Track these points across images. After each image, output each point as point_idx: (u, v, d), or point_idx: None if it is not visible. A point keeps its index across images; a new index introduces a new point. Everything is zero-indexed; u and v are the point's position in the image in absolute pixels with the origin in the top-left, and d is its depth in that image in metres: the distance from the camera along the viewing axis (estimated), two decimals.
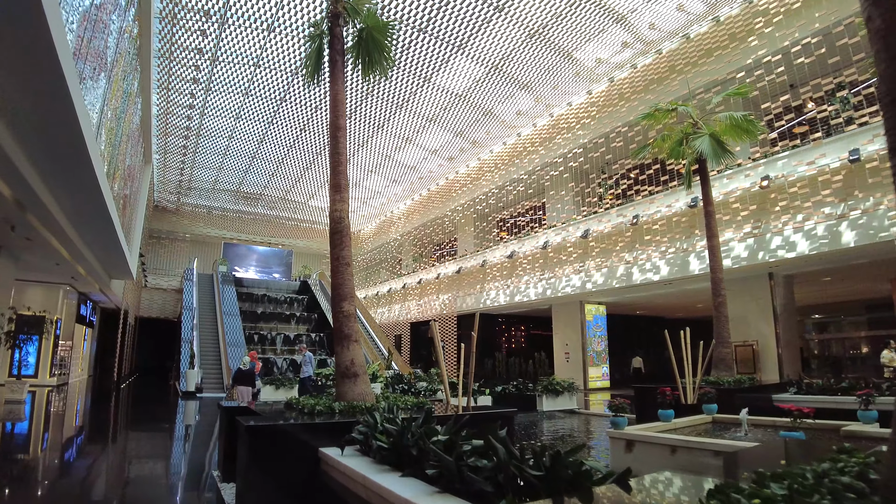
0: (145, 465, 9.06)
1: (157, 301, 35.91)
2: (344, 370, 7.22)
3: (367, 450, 4.93)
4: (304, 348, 16.76)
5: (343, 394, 7.15)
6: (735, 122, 13.37)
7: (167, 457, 9.67)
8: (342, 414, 6.50)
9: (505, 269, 24.24)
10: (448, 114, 23.28)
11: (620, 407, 8.12)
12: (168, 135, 25.24)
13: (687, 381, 11.98)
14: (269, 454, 5.38)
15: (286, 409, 7.11)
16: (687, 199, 17.71)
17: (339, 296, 7.51)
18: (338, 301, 7.49)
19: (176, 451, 10.25)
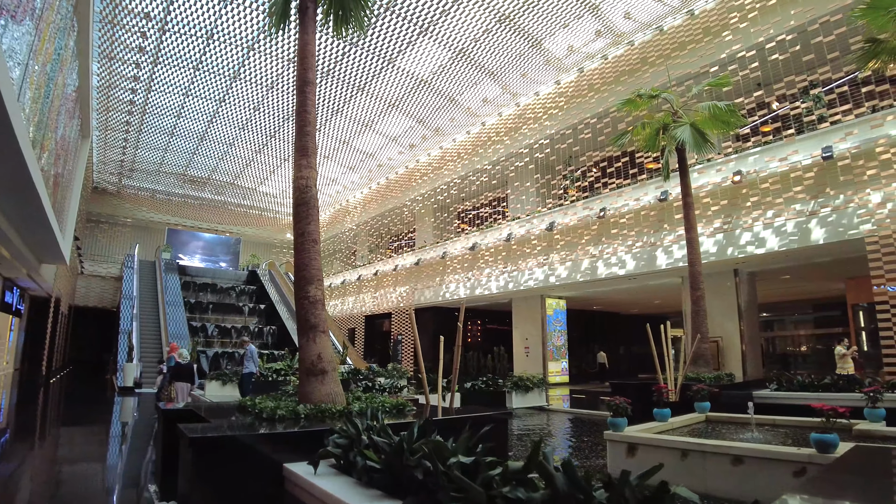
0: (69, 474, 7.57)
1: (94, 289, 33.20)
2: (309, 366, 6.01)
3: (347, 467, 3.82)
4: (246, 341, 15.13)
5: (308, 394, 5.93)
6: (717, 111, 12.74)
7: (96, 465, 8.17)
8: (309, 420, 5.31)
9: (466, 262, 23.23)
10: (410, 99, 22.09)
11: (621, 407, 7.21)
12: (110, 109, 23.08)
13: (668, 378, 11.25)
14: (219, 471, 4.18)
15: (238, 412, 5.83)
16: (656, 193, 17.13)
17: (303, 279, 6.28)
18: (302, 285, 6.26)
19: (107, 457, 8.74)
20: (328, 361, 6.06)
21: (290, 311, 26.80)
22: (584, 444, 9.47)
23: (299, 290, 6.25)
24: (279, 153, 28.03)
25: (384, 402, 6.14)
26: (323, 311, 6.25)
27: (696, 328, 12.48)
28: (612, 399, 7.34)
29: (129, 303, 23.94)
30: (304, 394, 5.94)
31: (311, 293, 6.20)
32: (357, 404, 5.95)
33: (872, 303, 19.87)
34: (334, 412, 5.58)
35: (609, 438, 7.19)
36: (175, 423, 5.63)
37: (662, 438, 6.88)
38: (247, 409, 5.76)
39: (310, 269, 6.27)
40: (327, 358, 6.07)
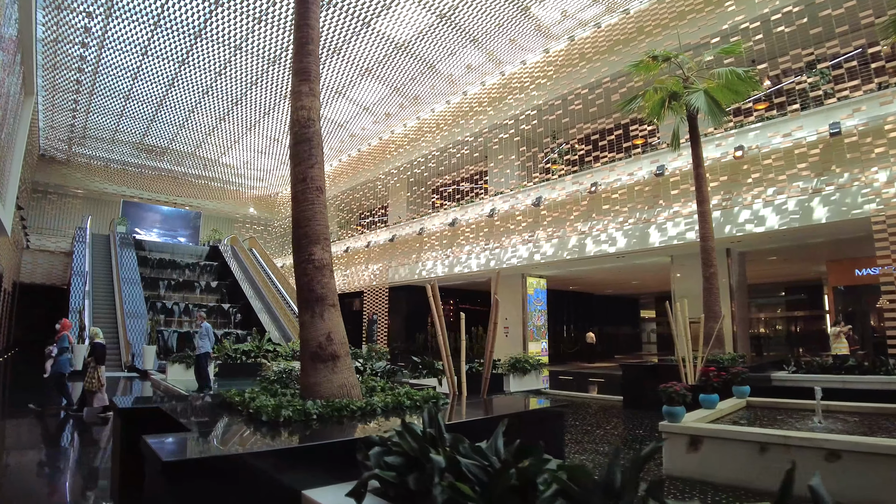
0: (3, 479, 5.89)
1: (41, 265, 30.28)
2: (316, 350, 4.52)
3: (406, 498, 2.51)
4: (201, 317, 13.38)
5: (315, 386, 4.46)
6: (733, 78, 11.58)
7: (37, 469, 6.47)
8: (324, 422, 3.84)
9: (445, 238, 21.78)
10: (387, 66, 20.35)
11: (679, 395, 6.01)
12: (58, 66, 20.51)
13: (687, 360, 10.17)
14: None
15: (224, 411, 4.30)
16: (652, 168, 16.05)
17: (305, 237, 4.76)
18: (305, 245, 4.74)
19: (52, 459, 7.03)
20: (340, 343, 4.60)
21: (255, 289, 24.90)
22: (614, 434, 8.24)
23: (301, 253, 4.73)
24: (243, 122, 25.85)
25: (411, 394, 4.71)
26: (332, 278, 4.77)
27: (708, 308, 11.46)
28: (669, 385, 6.19)
29: (80, 279, 21.62)
30: (310, 386, 4.46)
31: (315, 255, 4.69)
32: (378, 397, 4.51)
33: (852, 285, 19.63)
34: (354, 410, 4.13)
35: (666, 430, 6.03)
36: (135, 424, 4.08)
37: (736, 430, 5.72)
38: (234, 406, 4.24)
39: (313, 224, 4.75)
40: (339, 339, 4.61)
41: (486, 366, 5.86)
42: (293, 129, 5.05)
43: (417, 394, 4.75)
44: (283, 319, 22.27)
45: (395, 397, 4.57)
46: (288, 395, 4.59)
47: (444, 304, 26.57)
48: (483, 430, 3.40)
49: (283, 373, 8.36)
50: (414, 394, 4.74)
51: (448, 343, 5.98)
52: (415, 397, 4.65)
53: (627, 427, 8.74)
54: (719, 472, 5.58)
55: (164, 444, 2.94)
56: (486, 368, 5.85)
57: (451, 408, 4.77)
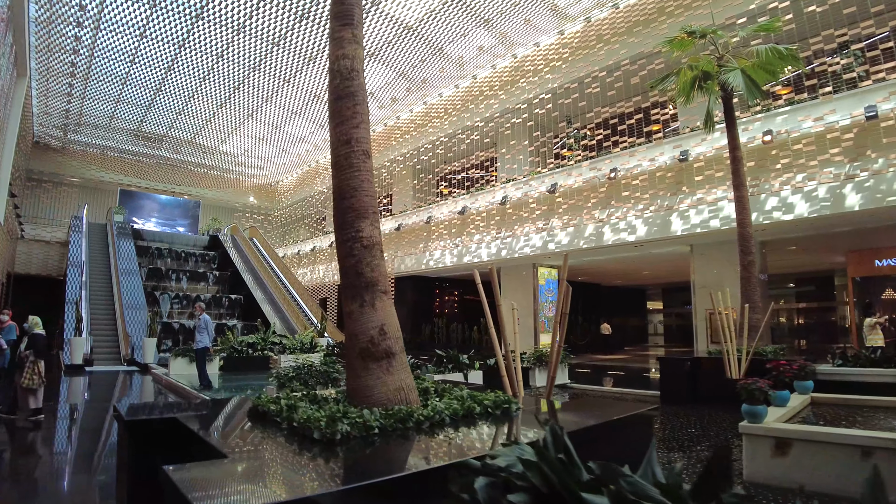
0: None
1: (37, 255, 29.10)
2: (367, 346, 3.68)
3: None
4: (200, 308, 12.42)
5: (365, 390, 3.63)
6: (774, 55, 10.77)
7: (31, 476, 5.62)
8: (385, 436, 3.03)
9: (454, 227, 20.91)
10: (393, 49, 19.39)
11: (760, 392, 5.22)
12: (52, 48, 19.43)
13: (730, 351, 9.44)
14: None
15: (255, 422, 3.45)
16: (674, 153, 15.25)
17: (351, 210, 3.91)
18: (351, 220, 3.89)
19: (50, 469, 6.18)
20: (395, 337, 3.77)
21: (257, 280, 23.99)
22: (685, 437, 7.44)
23: (345, 229, 3.88)
24: (243, 107, 24.85)
25: (477, 398, 3.89)
26: (383, 260, 3.93)
27: (747, 298, 10.69)
28: (750, 381, 5.42)
29: (76, 270, 20.63)
30: (360, 389, 3.63)
31: (364, 232, 3.85)
32: (440, 402, 3.69)
33: (871, 276, 18.95)
34: (420, 420, 3.30)
35: (747, 432, 5.24)
36: (146, 440, 3.22)
37: (834, 432, 4.95)
38: (270, 417, 3.39)
39: (360, 194, 3.90)
40: (393, 332, 3.77)
41: (553, 364, 5.03)
42: (333, 81, 4.20)
43: (486, 397, 3.93)
44: (286, 311, 21.40)
45: (461, 402, 3.74)
46: (331, 401, 3.75)
47: (449, 295, 25.74)
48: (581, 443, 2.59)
49: (301, 368, 7.56)
50: (481, 397, 3.93)
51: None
52: (484, 402, 3.83)
53: (684, 426, 7.93)
54: (812, 478, 4.83)
55: (195, 482, 2.10)
56: (553, 367, 5.02)
57: (531, 416, 3.95)
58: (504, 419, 3.77)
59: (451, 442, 3.07)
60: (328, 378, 7.64)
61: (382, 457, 2.73)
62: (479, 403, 3.80)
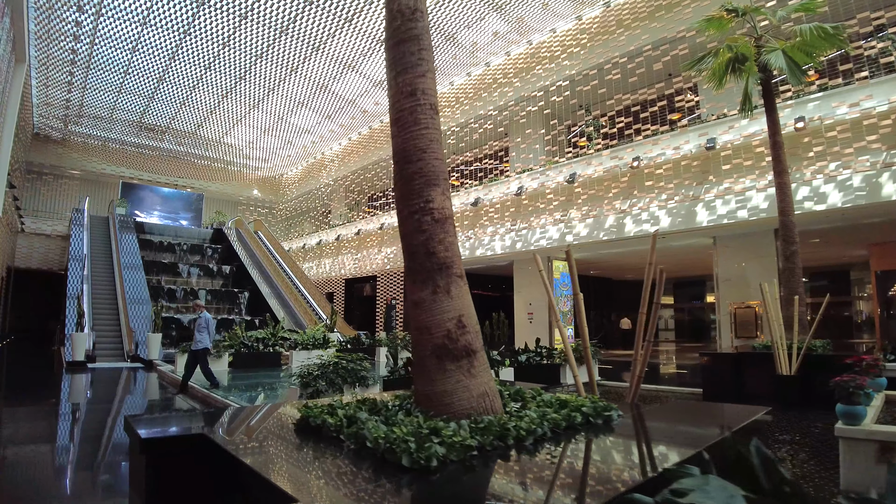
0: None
1: (38, 249, 28.34)
2: (443, 342, 2.93)
3: None
4: (199, 306, 11.09)
5: (443, 397, 2.88)
6: (817, 35, 10.01)
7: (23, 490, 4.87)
8: (484, 459, 2.27)
9: (466, 219, 20.14)
10: None
11: (860, 391, 4.49)
12: (52, 36, 18.60)
13: (780, 346, 8.71)
14: None
15: (305, 439, 2.69)
16: (700, 141, 14.52)
17: (420, 175, 3.16)
18: (419, 188, 3.14)
19: (44, 474, 5.42)
20: (475, 331, 3.02)
21: (263, 274, 23.21)
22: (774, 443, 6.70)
23: (411, 199, 3.12)
24: (248, 98, 24.04)
25: (573, 403, 3.13)
26: (456, 237, 3.15)
27: (790, 290, 9.97)
28: (847, 378, 4.69)
29: (78, 264, 19.83)
30: (435, 396, 2.89)
31: (435, 203, 3.09)
32: (530, 410, 2.94)
33: (892, 270, 18.26)
34: (521, 436, 2.54)
35: (845, 436, 4.49)
36: (168, 464, 2.46)
37: None
38: (327, 432, 2.65)
39: (429, 157, 3.15)
40: (473, 325, 3.03)
41: (640, 363, 4.28)
42: (392, 23, 3.45)
43: (581, 402, 3.18)
44: (294, 305, 20.65)
45: (556, 410, 2.99)
46: (393, 409, 3.00)
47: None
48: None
49: (326, 366, 6.80)
50: (576, 402, 3.17)
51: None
52: (581, 408, 3.08)
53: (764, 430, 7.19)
54: None
55: None
56: (640, 366, 4.27)
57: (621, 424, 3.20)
58: (608, 429, 3.04)
59: (575, 465, 2.32)
60: (356, 377, 6.89)
61: (507, 493, 1.99)
62: (576, 411, 3.06)
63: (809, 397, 8.37)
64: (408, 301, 3.16)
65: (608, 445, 2.73)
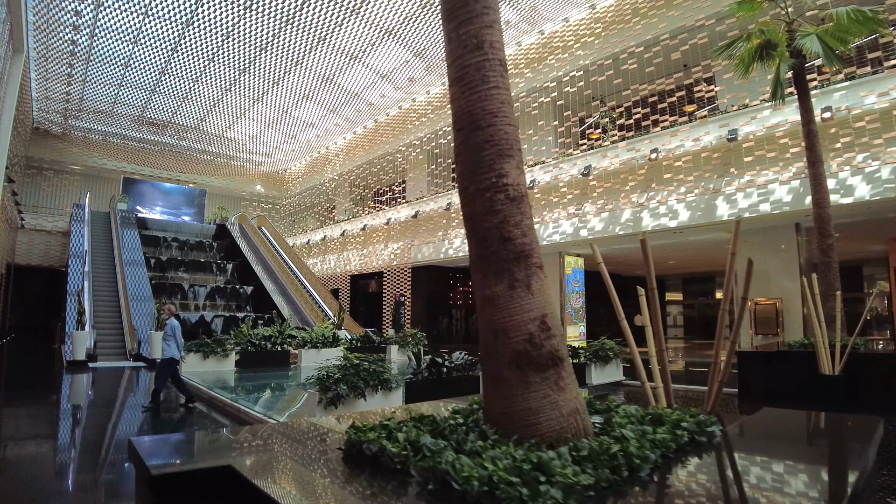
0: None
1: (38, 245, 27.71)
2: (525, 348, 2.36)
3: None
4: (170, 310, 9.48)
5: (527, 416, 2.32)
6: (855, 19, 9.42)
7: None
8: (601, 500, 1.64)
9: None
10: (410, 27, 17.97)
11: None
12: (51, 26, 17.93)
13: (821, 343, 8.12)
14: None
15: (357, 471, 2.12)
16: (721, 132, 13.93)
17: (490, 143, 2.58)
18: (489, 158, 2.56)
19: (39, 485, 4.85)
20: (560, 335, 2.44)
21: (267, 270, 22.62)
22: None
23: (480, 173, 2.54)
24: (251, 91, 23.39)
25: (668, 418, 2.55)
26: (532, 220, 2.56)
27: (827, 285, 9.39)
28: None
29: (78, 260, 19.21)
30: (515, 415, 2.35)
31: (509, 177, 2.53)
32: (627, 431, 2.35)
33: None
34: (636, 464, 1.96)
35: None
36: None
37: None
38: (387, 462, 2.07)
39: (501, 123, 2.57)
40: (557, 327, 2.46)
41: (724, 366, 3.70)
42: None
43: (681, 418, 2.61)
44: (300, 302, 20.06)
45: (652, 426, 2.41)
46: (460, 430, 2.41)
47: (462, 286, 24.39)
48: None
49: (347, 368, 6.23)
50: (674, 416, 2.59)
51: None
52: (682, 424, 2.50)
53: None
54: None
55: None
56: (724, 369, 3.68)
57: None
58: (722, 450, 2.47)
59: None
60: (378, 379, 6.32)
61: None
62: (677, 427, 2.49)
63: (855, 398, 7.81)
64: (477, 297, 2.58)
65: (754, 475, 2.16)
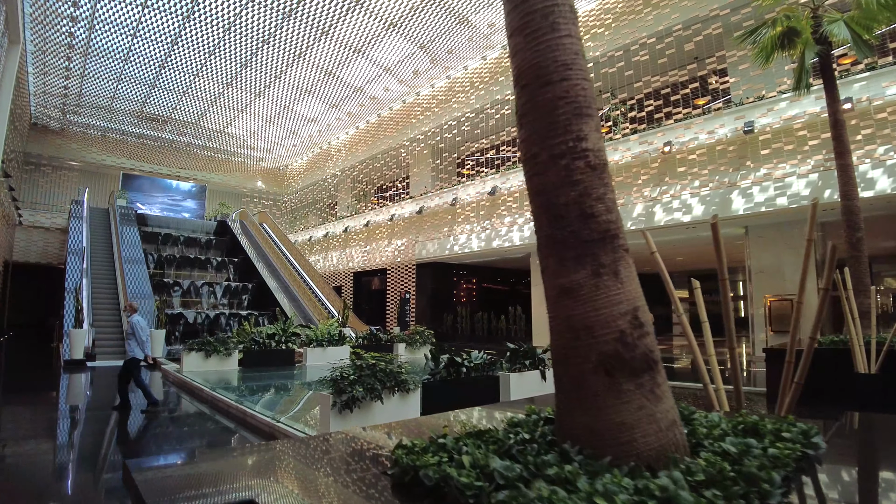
0: None
1: (36, 242, 27.17)
2: (615, 349, 1.91)
3: None
4: (132, 307, 8.76)
5: (620, 432, 1.85)
6: (887, 3, 8.94)
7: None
8: None
9: (483, 209, 19.05)
10: (414, 19, 17.49)
11: None
12: (48, 17, 17.40)
13: (855, 340, 7.67)
14: None
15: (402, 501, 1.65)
16: (737, 124, 13.49)
17: (563, 101, 2.14)
18: (564, 119, 2.09)
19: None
20: (650, 332, 1.93)
21: (269, 267, 22.12)
22: None
23: (551, 135, 2.08)
24: (252, 86, 22.90)
25: (763, 427, 2.09)
26: (614, 192, 2.09)
27: (857, 280, 8.94)
28: None
29: (77, 257, 18.69)
30: (604, 430, 1.91)
31: (589, 141, 2.07)
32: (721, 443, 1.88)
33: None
34: (766, 490, 1.50)
35: None
36: None
37: None
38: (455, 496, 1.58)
39: (574, 76, 2.12)
40: (649, 322, 1.96)
41: (803, 364, 3.25)
42: None
43: (782, 428, 2.16)
44: (302, 299, 19.59)
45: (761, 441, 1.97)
46: (527, 446, 1.94)
47: (467, 283, 23.97)
48: None
49: (363, 369, 5.76)
50: (773, 426, 2.14)
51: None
52: (783, 435, 2.07)
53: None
54: None
55: None
56: (802, 368, 3.24)
57: None
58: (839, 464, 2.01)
59: None
60: (396, 381, 5.86)
61: None
62: (779, 440, 2.05)
63: (893, 398, 7.38)
64: (549, 288, 2.12)
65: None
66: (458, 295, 23.29)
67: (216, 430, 7.06)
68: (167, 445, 6.37)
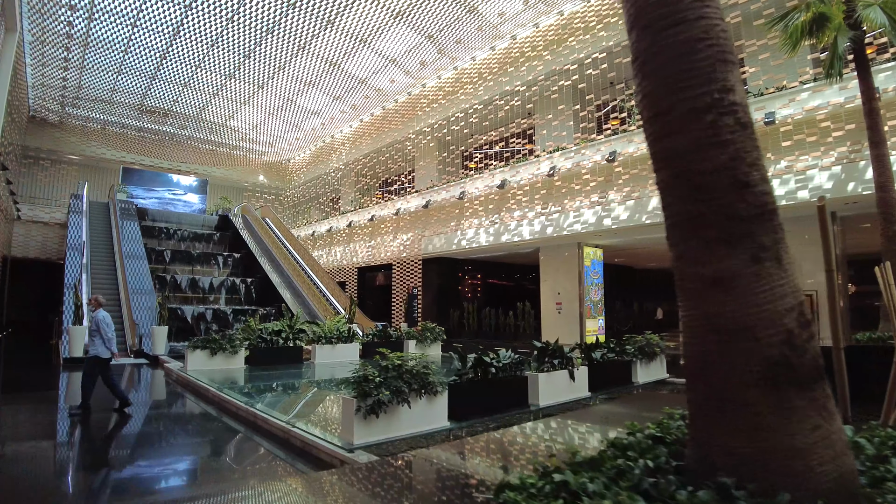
0: None
1: (35, 238, 26.61)
2: (782, 355, 1.43)
3: None
4: (97, 302, 7.99)
5: (791, 458, 1.39)
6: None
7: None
8: None
9: (491, 203, 18.59)
10: (422, 8, 17.03)
11: None
12: (46, 9, 16.87)
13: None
14: None
15: None
16: (758, 115, 13.08)
17: (703, 44, 1.67)
18: (705, 67, 1.67)
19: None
20: (813, 333, 1.48)
21: (272, 262, 21.66)
22: None
23: (686, 85, 1.66)
24: (254, 78, 22.40)
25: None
26: (762, 157, 1.66)
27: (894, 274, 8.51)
28: None
29: (76, 252, 18.23)
30: (764, 458, 1.39)
31: (735, 93, 1.66)
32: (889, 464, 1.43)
33: None
34: None
35: None
36: None
37: None
38: None
39: (711, 15, 1.70)
40: (809, 321, 1.49)
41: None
42: None
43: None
44: (307, 295, 19.13)
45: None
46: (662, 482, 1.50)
47: (471, 279, 23.55)
48: None
49: (389, 369, 5.34)
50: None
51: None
52: None
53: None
54: None
55: None
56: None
57: None
58: None
59: None
60: (423, 383, 5.44)
61: None
62: None
63: None
64: (690, 277, 1.69)
65: None
66: (464, 290, 22.86)
67: (227, 436, 6.61)
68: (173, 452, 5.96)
